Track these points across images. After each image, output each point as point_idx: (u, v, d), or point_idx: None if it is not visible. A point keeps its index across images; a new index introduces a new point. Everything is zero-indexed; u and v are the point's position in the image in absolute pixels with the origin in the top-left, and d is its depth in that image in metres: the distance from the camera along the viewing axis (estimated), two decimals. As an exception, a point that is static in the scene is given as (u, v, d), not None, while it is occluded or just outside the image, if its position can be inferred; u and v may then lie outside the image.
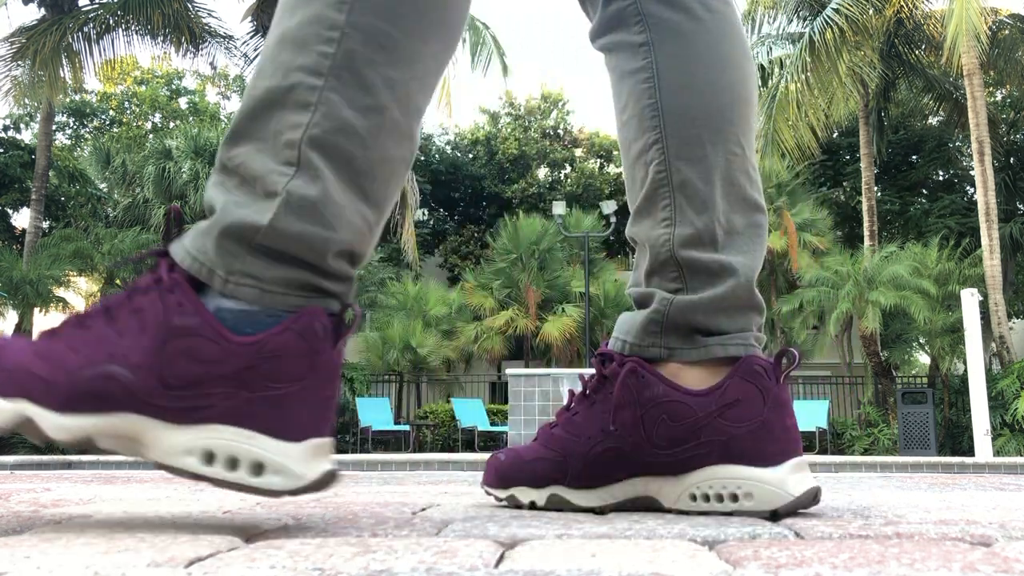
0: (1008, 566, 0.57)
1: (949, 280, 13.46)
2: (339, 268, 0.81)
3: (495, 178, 25.14)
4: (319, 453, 0.76)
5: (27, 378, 0.75)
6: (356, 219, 0.82)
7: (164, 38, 15.11)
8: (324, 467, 0.76)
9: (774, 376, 0.95)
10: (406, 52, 0.84)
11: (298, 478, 0.74)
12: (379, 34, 0.83)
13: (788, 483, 0.91)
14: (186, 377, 0.74)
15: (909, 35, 16.26)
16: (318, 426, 0.77)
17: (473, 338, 17.24)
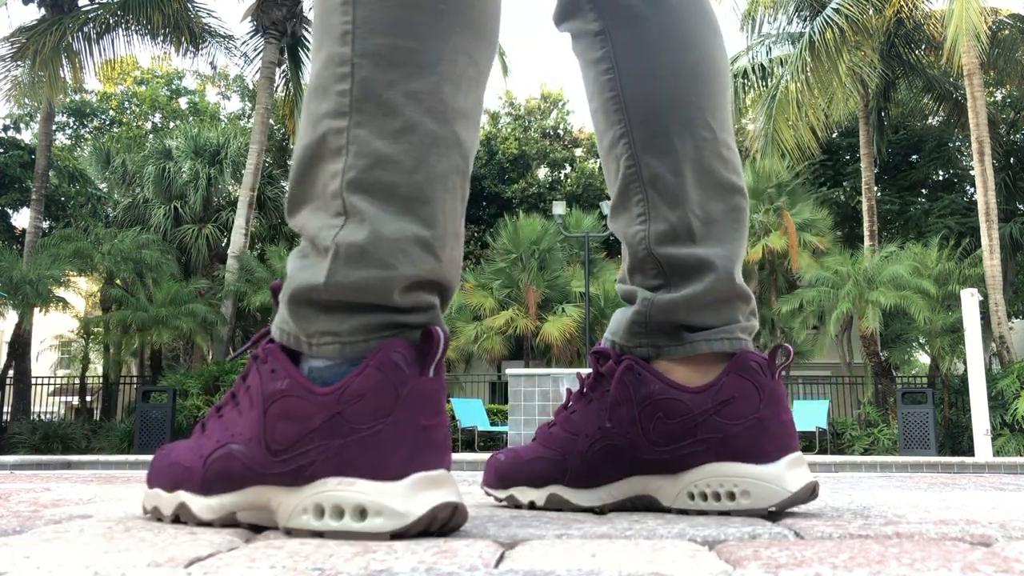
0: (1008, 566, 0.56)
1: (949, 280, 13.45)
2: (413, 301, 0.79)
3: (495, 178, 25.13)
4: (427, 487, 0.72)
5: (179, 471, 0.84)
6: (416, 249, 0.78)
7: (164, 38, 15.11)
8: (433, 502, 0.71)
9: (769, 372, 0.95)
10: (426, 59, 0.80)
11: (401, 516, 0.70)
12: (389, 52, 0.79)
13: (785, 479, 0.90)
14: (286, 439, 0.75)
15: (909, 35, 16.25)
16: (423, 459, 0.73)
17: (473, 338, 17.23)
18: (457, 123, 0.81)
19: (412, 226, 0.78)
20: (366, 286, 0.77)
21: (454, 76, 0.81)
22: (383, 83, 0.79)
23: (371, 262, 0.77)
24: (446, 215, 0.81)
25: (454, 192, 0.81)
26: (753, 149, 16.21)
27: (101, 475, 2.28)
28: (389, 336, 0.77)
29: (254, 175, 14.25)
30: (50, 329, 22.78)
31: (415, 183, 0.79)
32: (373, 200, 0.78)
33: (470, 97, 0.83)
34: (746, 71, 16.58)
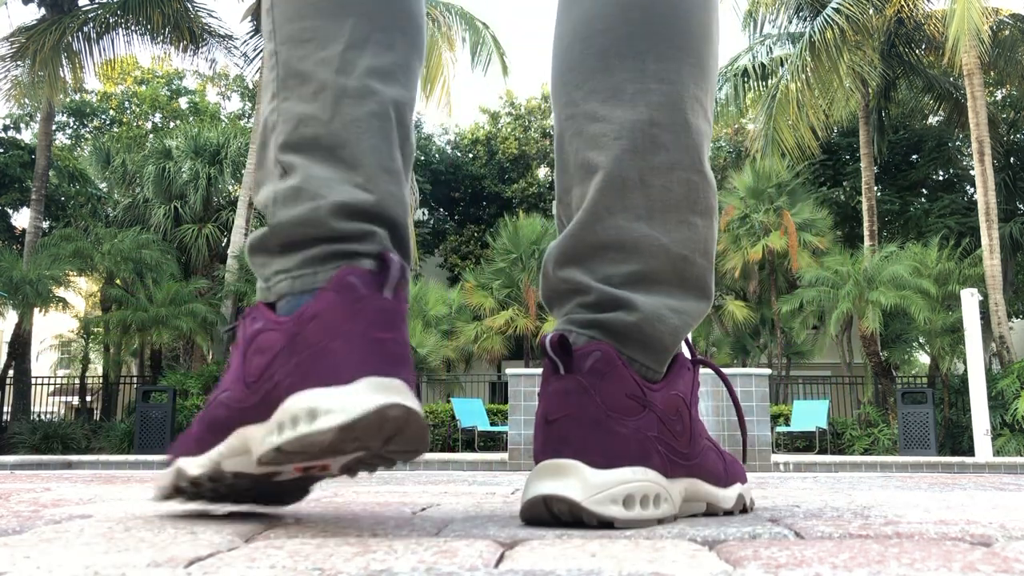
0: (1008, 566, 0.56)
1: (949, 280, 13.45)
2: (355, 228, 0.83)
3: (495, 178, 25.13)
4: (377, 389, 0.71)
5: (179, 442, 0.89)
6: (344, 184, 0.84)
7: (164, 38, 15.11)
8: (383, 400, 0.70)
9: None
10: (330, 31, 0.89)
11: (348, 412, 0.69)
12: (299, 33, 0.90)
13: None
14: (257, 370, 0.79)
15: (909, 35, 16.26)
16: (376, 366, 0.73)
17: (473, 338, 17.24)
18: (369, 77, 0.88)
19: (333, 166, 0.85)
20: (301, 218, 0.83)
21: (359, 41, 0.89)
22: (297, 58, 0.90)
23: (303, 197, 0.84)
24: (368, 152, 0.86)
25: (374, 132, 0.87)
26: (753, 149, 16.21)
27: (101, 475, 2.28)
28: (335, 265, 0.81)
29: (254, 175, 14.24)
30: (50, 329, 22.78)
31: (332, 131, 0.86)
32: (301, 154, 0.86)
33: (383, 58, 0.90)
34: (746, 71, 16.59)
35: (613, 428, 0.82)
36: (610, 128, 0.91)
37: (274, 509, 0.96)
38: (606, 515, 0.78)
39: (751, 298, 18.82)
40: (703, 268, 0.94)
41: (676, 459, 0.88)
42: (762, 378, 7.41)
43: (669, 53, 0.92)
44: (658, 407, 0.87)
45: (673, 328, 0.90)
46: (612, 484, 0.79)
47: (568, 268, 0.91)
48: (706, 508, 0.95)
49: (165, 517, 0.89)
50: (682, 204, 0.91)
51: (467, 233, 24.02)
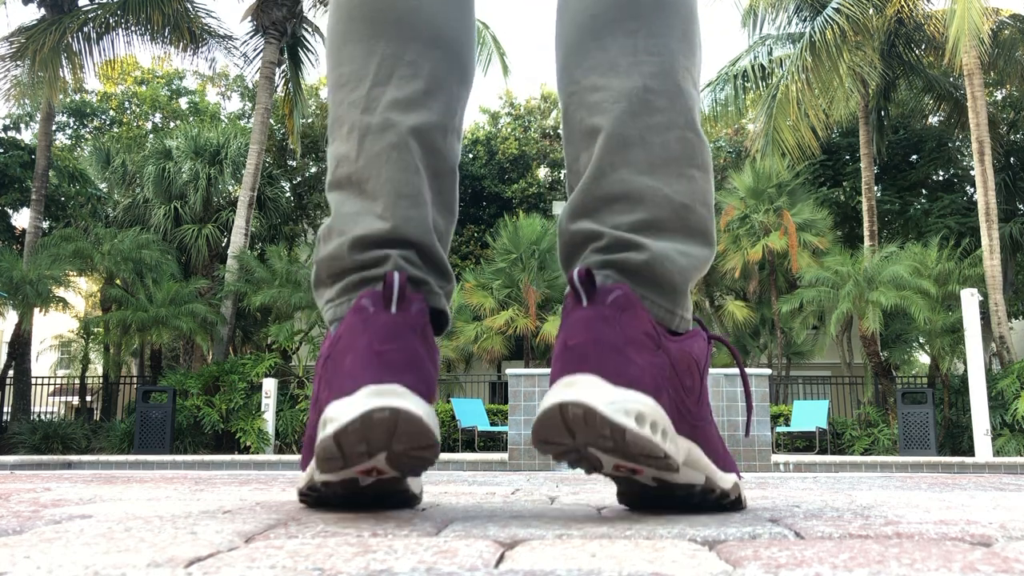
0: (1008, 566, 0.56)
1: (949, 280, 13.44)
2: (371, 257, 0.95)
3: (495, 178, 25.13)
4: (371, 396, 0.78)
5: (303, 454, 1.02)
6: (367, 216, 0.96)
7: (164, 38, 15.10)
8: (368, 405, 0.77)
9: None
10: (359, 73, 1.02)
11: (338, 420, 0.77)
12: (336, 79, 1.05)
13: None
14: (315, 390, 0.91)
15: (909, 35, 16.25)
16: (375, 375, 0.81)
17: (473, 338, 17.23)
18: (390, 111, 1.00)
19: (360, 200, 0.98)
20: (331, 254, 0.98)
21: (383, 78, 1.01)
22: (336, 103, 1.04)
23: (333, 235, 0.99)
24: (386, 183, 0.97)
25: (392, 163, 0.98)
26: (753, 149, 16.21)
27: (101, 475, 2.28)
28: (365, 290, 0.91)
29: (254, 175, 14.24)
30: (50, 329, 22.78)
31: (359, 168, 0.99)
32: (338, 192, 1.01)
33: (405, 88, 1.01)
34: (746, 71, 16.58)
35: (631, 356, 0.84)
36: (609, 95, 0.99)
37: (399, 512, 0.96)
38: (620, 423, 0.77)
39: (751, 298, 18.82)
40: (704, 216, 1.00)
41: (683, 413, 0.89)
42: (762, 378, 7.41)
43: (659, 30, 1.01)
44: (672, 354, 0.89)
45: (681, 268, 0.95)
46: (628, 400, 0.79)
47: (580, 220, 0.99)
48: (704, 481, 0.92)
49: (165, 517, 0.89)
50: (681, 159, 0.98)
51: (467, 233, 24.02)
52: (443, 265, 1.01)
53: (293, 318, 13.83)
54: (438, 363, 0.92)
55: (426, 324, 0.89)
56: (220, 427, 11.75)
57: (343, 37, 1.04)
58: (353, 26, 1.04)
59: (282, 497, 1.27)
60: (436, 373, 0.90)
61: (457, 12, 1.07)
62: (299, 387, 12.93)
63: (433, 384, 0.87)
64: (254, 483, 1.82)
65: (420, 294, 0.91)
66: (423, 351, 0.87)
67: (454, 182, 1.06)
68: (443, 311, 1.01)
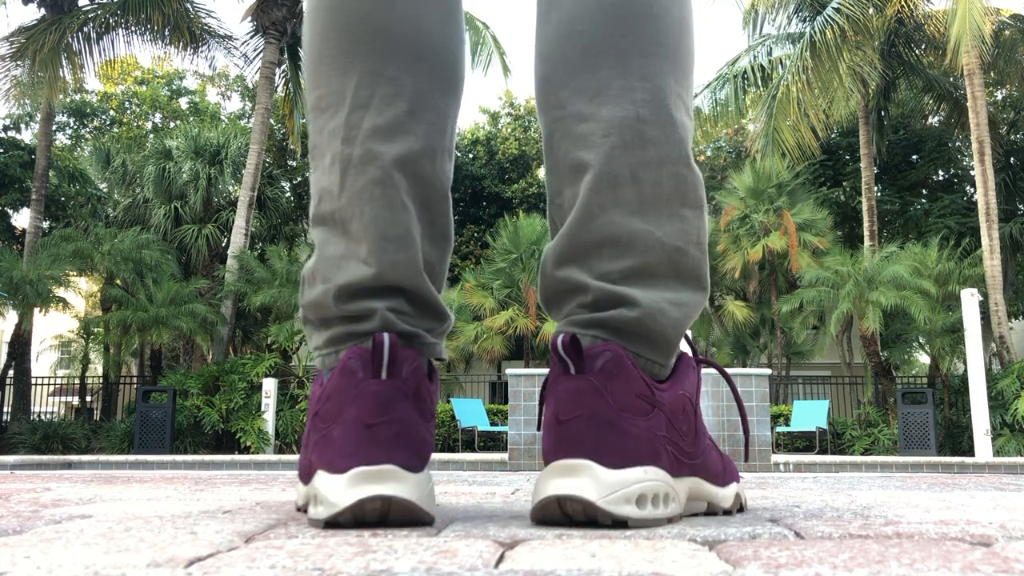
0: (1008, 566, 0.56)
1: (949, 280, 13.44)
2: (358, 309, 0.89)
3: (495, 178, 25.12)
4: (363, 480, 0.77)
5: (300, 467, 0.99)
6: (351, 260, 0.90)
7: (164, 39, 15.10)
8: (362, 494, 0.76)
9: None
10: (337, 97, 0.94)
11: (333, 506, 0.77)
12: (315, 103, 0.96)
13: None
14: (305, 436, 0.89)
15: (909, 35, 16.25)
16: (365, 455, 0.78)
17: (473, 338, 17.23)
18: (372, 140, 0.91)
19: (344, 241, 0.91)
20: (315, 302, 0.92)
21: (362, 101, 0.92)
22: (316, 130, 0.96)
23: (318, 280, 0.92)
24: (370, 224, 0.89)
25: (376, 201, 0.90)
26: (753, 149, 16.20)
27: (101, 475, 2.28)
28: (348, 345, 0.88)
29: (254, 175, 14.24)
30: (50, 329, 22.78)
31: (341, 206, 0.91)
32: (322, 229, 0.94)
33: (386, 113, 0.92)
34: (746, 71, 16.58)
35: (625, 428, 0.81)
36: (598, 127, 0.90)
37: None
38: (621, 515, 0.77)
39: (751, 298, 18.82)
40: (697, 259, 0.93)
41: (682, 458, 0.88)
42: (762, 378, 7.40)
43: (650, 50, 0.92)
44: (666, 407, 0.87)
45: (674, 321, 0.90)
46: (626, 484, 0.78)
47: (566, 267, 0.91)
48: (707, 507, 0.95)
49: (165, 517, 0.89)
50: (673, 197, 0.91)
51: (467, 233, 24.01)
52: (435, 307, 0.94)
53: (293, 318, 13.83)
54: (435, 411, 0.89)
55: (419, 383, 0.84)
56: (220, 427, 11.74)
57: (318, 56, 0.96)
58: (328, 43, 0.95)
59: (282, 497, 1.27)
60: (433, 424, 0.87)
61: (440, 17, 0.97)
62: (299, 387, 12.93)
63: (428, 447, 0.84)
64: (254, 483, 1.82)
65: (413, 350, 0.85)
66: (416, 417, 0.83)
67: (447, 208, 0.97)
68: (439, 358, 0.95)
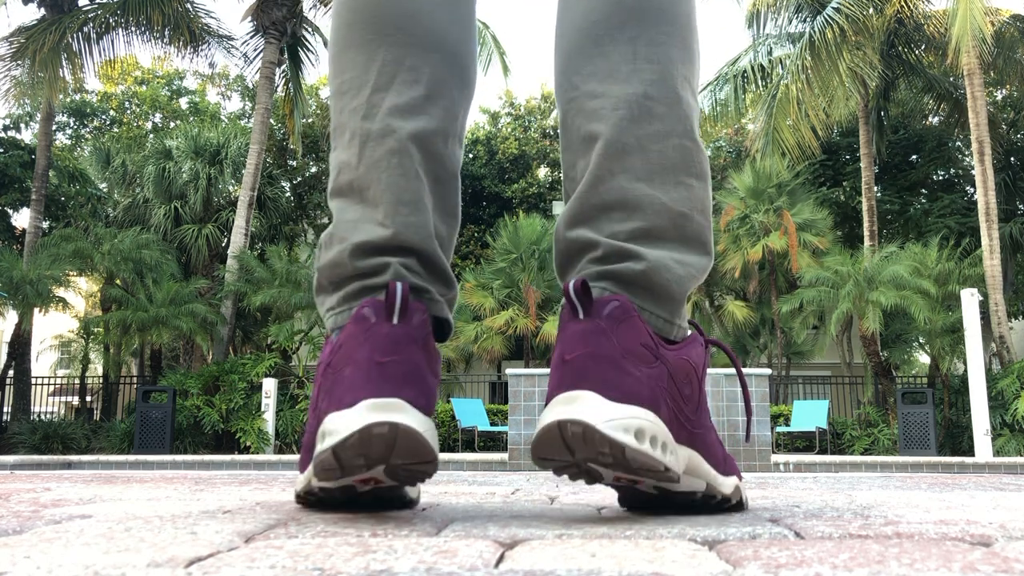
0: (1008, 566, 0.56)
1: (949, 280, 13.44)
2: (373, 264, 0.94)
3: (495, 178, 25.13)
4: (371, 410, 0.79)
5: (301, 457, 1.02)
6: (367, 223, 0.96)
7: (164, 39, 15.10)
8: (368, 420, 0.77)
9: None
10: (359, 80, 1.02)
11: (339, 434, 0.78)
12: (338, 86, 1.04)
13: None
14: (314, 397, 0.91)
15: (909, 35, 16.25)
16: (374, 388, 0.81)
17: (473, 338, 17.23)
18: (390, 117, 0.99)
19: (362, 207, 0.97)
20: (332, 261, 0.97)
21: (383, 84, 1.01)
22: (338, 110, 1.04)
23: (334, 242, 0.98)
24: (386, 190, 0.96)
25: (393, 169, 0.97)
26: (753, 149, 16.21)
27: (101, 475, 2.28)
28: (361, 300, 0.93)
29: (254, 175, 14.24)
30: (50, 329, 22.78)
31: (360, 175, 0.98)
32: (340, 199, 1.01)
33: (405, 95, 1.00)
34: (746, 71, 16.58)
35: (628, 369, 0.84)
36: (608, 102, 0.99)
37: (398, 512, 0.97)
38: (619, 440, 0.78)
39: (751, 298, 18.82)
40: (701, 225, 0.99)
41: (683, 422, 0.89)
42: (762, 378, 7.40)
43: (659, 39, 1.00)
44: (670, 363, 0.89)
45: (678, 277, 0.94)
46: (626, 416, 0.80)
47: (577, 228, 0.98)
48: (705, 488, 0.93)
49: (165, 517, 0.89)
50: (678, 167, 0.97)
51: (467, 233, 24.02)
52: (445, 272, 1.00)
53: (293, 318, 13.83)
54: (439, 372, 0.91)
55: (428, 334, 0.88)
56: (220, 427, 11.75)
57: (344, 44, 1.04)
58: (353, 33, 1.03)
59: (282, 497, 1.27)
60: (437, 382, 0.90)
61: (458, 18, 1.06)
62: (299, 387, 12.93)
63: (434, 396, 0.87)
64: (254, 483, 1.82)
65: (422, 303, 0.89)
66: (424, 363, 0.86)
67: (456, 187, 1.05)
68: (445, 319, 1.00)
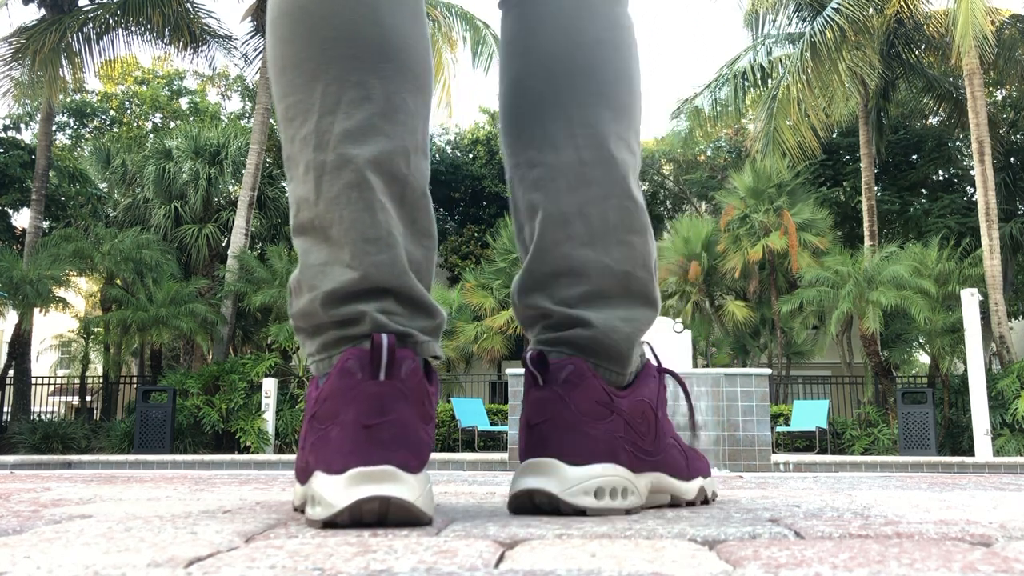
0: (1008, 566, 0.56)
1: (949, 280, 13.44)
2: (341, 313, 0.89)
3: (495, 178, 25.12)
4: (361, 481, 0.78)
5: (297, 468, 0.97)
6: (335, 266, 0.90)
7: (164, 39, 15.10)
8: (360, 495, 0.77)
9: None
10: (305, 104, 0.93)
11: (330, 506, 0.77)
12: (284, 111, 0.96)
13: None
14: (302, 439, 0.89)
15: (909, 35, 16.25)
16: (363, 456, 0.79)
17: (473, 338, 17.23)
18: (343, 144, 0.91)
19: (327, 248, 0.91)
20: (303, 311, 0.92)
21: (330, 106, 0.92)
22: (288, 139, 0.96)
23: (304, 289, 0.92)
24: (350, 228, 0.90)
25: (353, 204, 0.90)
26: (753, 149, 16.21)
27: (101, 475, 2.28)
28: (346, 348, 0.88)
29: (254, 175, 14.24)
30: (50, 329, 22.77)
31: (320, 212, 0.91)
32: (303, 238, 0.94)
33: (355, 116, 0.92)
34: (746, 71, 16.58)
35: (585, 430, 0.93)
36: (546, 171, 1.03)
37: None
38: (579, 504, 0.89)
39: (751, 298, 18.81)
40: (645, 280, 1.04)
41: (642, 456, 0.99)
42: (762, 378, 7.41)
43: (589, 100, 1.03)
44: (625, 411, 0.97)
45: (626, 335, 1.01)
46: (585, 479, 0.90)
47: (530, 296, 1.04)
48: (670, 499, 1.06)
49: (165, 517, 0.89)
50: (619, 227, 1.02)
51: (467, 233, 24.02)
52: (424, 304, 0.93)
53: (293, 318, 13.82)
54: (435, 412, 0.89)
55: (418, 384, 0.85)
56: (220, 427, 11.75)
57: (282, 63, 0.96)
58: (291, 50, 0.95)
59: (282, 497, 1.27)
60: (433, 423, 0.88)
61: (404, 19, 0.97)
62: (299, 387, 12.93)
63: (426, 449, 0.84)
64: (254, 483, 1.81)
65: (409, 350, 0.85)
66: (415, 418, 0.83)
67: (427, 205, 0.97)
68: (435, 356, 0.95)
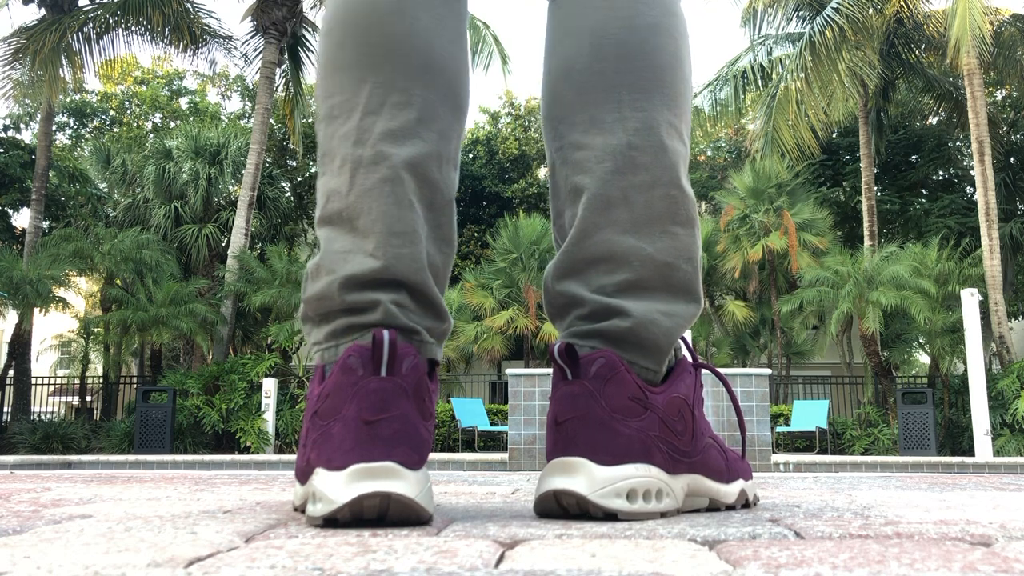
0: (1008, 566, 0.56)
1: (949, 280, 13.44)
2: (361, 300, 0.90)
3: (495, 178, 25.12)
4: (362, 477, 0.77)
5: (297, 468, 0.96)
6: (358, 254, 0.91)
7: (164, 39, 15.10)
8: (361, 491, 0.76)
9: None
10: (349, 105, 0.97)
11: (331, 503, 0.77)
12: (327, 111, 0.99)
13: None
14: (303, 434, 0.88)
15: (909, 35, 16.25)
16: (364, 452, 0.79)
17: (473, 338, 17.23)
18: (382, 142, 0.94)
19: (351, 237, 0.93)
20: (319, 293, 0.92)
21: (374, 107, 0.96)
22: (328, 136, 0.98)
23: (322, 273, 0.93)
24: (378, 220, 0.92)
25: (385, 198, 0.92)
26: (753, 149, 16.21)
27: (101, 475, 2.28)
28: (353, 339, 0.89)
29: (254, 175, 14.24)
30: (50, 329, 22.77)
31: (350, 203, 0.93)
32: (328, 228, 0.95)
33: (398, 119, 0.95)
34: (746, 71, 16.58)
35: (617, 428, 0.87)
36: (593, 154, 0.99)
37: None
38: (610, 507, 0.83)
39: (751, 298, 18.82)
40: (688, 274, 0.99)
41: (678, 456, 0.93)
42: (762, 378, 7.40)
43: (641, 85, 0.99)
44: (659, 408, 0.91)
45: (666, 330, 0.96)
46: (616, 479, 0.84)
47: (564, 282, 0.98)
48: (709, 503, 1.00)
49: (165, 517, 0.89)
50: (664, 216, 0.98)
51: (467, 233, 24.02)
52: (437, 306, 0.95)
53: (293, 318, 13.83)
54: (435, 410, 0.89)
55: (419, 380, 0.85)
56: (220, 427, 11.75)
57: (332, 66, 0.99)
58: (343, 54, 0.99)
59: (282, 497, 1.27)
60: (433, 421, 0.87)
61: (449, 40, 1.01)
62: (299, 387, 12.93)
63: (426, 446, 0.84)
64: (254, 483, 1.81)
65: (411, 346, 0.85)
66: (415, 415, 0.83)
67: (451, 214, 1.00)
68: (436, 361, 0.95)
